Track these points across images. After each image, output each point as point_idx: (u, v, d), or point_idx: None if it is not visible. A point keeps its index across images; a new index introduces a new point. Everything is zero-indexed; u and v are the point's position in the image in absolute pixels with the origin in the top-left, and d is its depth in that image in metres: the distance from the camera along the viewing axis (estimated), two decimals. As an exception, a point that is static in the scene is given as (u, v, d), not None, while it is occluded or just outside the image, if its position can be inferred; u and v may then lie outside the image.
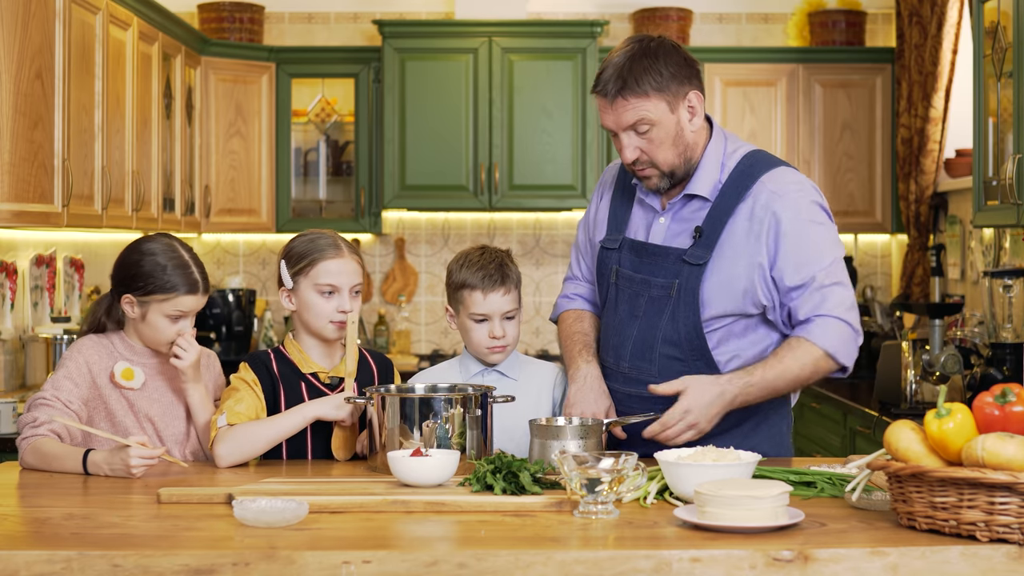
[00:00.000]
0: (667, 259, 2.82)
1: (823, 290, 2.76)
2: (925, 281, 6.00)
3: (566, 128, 6.31)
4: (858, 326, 2.80)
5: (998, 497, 1.97)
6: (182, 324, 2.88)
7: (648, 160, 2.79)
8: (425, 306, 6.88)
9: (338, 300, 2.88)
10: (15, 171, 3.99)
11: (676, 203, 2.86)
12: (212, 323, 6.30)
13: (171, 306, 2.85)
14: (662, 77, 2.74)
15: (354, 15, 6.84)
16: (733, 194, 2.79)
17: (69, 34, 4.35)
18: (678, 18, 6.47)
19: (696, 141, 2.82)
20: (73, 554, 1.97)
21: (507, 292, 2.97)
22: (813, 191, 2.83)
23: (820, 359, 2.76)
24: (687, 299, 2.79)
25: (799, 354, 2.76)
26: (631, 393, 2.87)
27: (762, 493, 2.07)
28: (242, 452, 2.77)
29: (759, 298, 2.79)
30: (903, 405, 4.63)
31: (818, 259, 2.77)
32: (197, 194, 6.16)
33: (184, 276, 2.86)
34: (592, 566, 1.96)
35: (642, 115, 2.74)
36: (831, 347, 2.76)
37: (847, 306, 2.78)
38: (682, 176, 2.83)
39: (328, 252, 2.89)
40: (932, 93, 5.76)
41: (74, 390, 2.82)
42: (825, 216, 2.83)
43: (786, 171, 2.84)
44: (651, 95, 2.73)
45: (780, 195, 2.77)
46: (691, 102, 2.78)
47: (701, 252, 2.78)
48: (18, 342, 4.79)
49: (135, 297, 2.86)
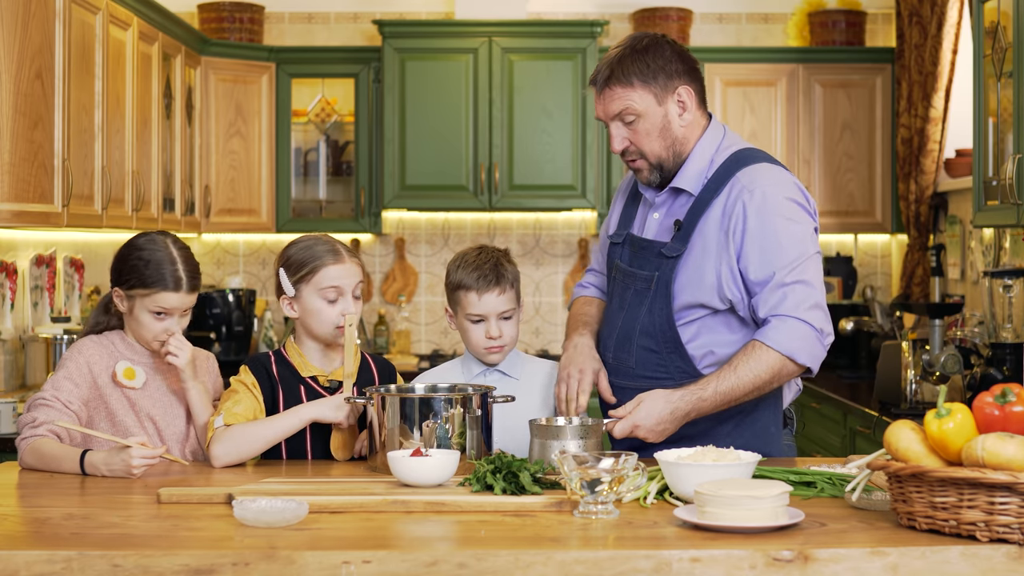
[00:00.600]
0: (651, 252, 2.86)
1: (783, 288, 2.73)
2: (925, 281, 6.00)
3: (566, 128, 6.31)
4: (822, 325, 2.74)
5: (998, 497, 1.97)
6: (168, 323, 2.86)
7: (636, 151, 2.84)
8: (425, 306, 6.88)
9: (342, 304, 2.89)
10: (15, 171, 3.99)
11: (666, 197, 2.90)
12: (212, 323, 6.30)
13: (152, 302, 2.85)
14: (649, 69, 2.79)
15: (354, 15, 6.84)
16: (713, 188, 2.81)
17: (69, 34, 4.35)
18: (678, 18, 6.47)
19: (687, 136, 2.84)
20: (73, 554, 1.97)
21: (502, 292, 2.97)
22: (791, 187, 2.80)
23: (778, 363, 2.72)
24: (662, 291, 2.82)
25: (755, 361, 2.72)
26: (614, 383, 2.91)
27: (762, 493, 2.07)
28: (238, 452, 2.77)
29: (725, 292, 2.78)
30: (903, 405, 4.62)
31: (780, 255, 2.74)
32: (197, 194, 6.16)
33: (166, 272, 2.85)
34: (592, 566, 1.96)
35: (627, 104, 2.80)
36: (789, 349, 2.71)
37: (808, 305, 2.73)
38: (672, 169, 2.86)
39: (328, 258, 2.88)
40: (932, 93, 5.77)
41: (74, 390, 2.82)
42: (801, 213, 2.79)
43: (766, 167, 2.83)
44: (636, 86, 2.79)
45: (751, 190, 2.77)
46: (681, 96, 2.82)
47: (678, 245, 2.81)
48: (18, 342, 4.79)
49: (123, 291, 2.88)
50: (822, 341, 2.76)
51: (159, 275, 2.84)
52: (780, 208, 2.76)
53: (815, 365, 2.77)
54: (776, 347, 2.72)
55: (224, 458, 2.76)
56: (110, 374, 2.87)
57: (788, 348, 2.72)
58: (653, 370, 2.85)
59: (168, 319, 2.87)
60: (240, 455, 2.77)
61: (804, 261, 2.75)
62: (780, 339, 2.72)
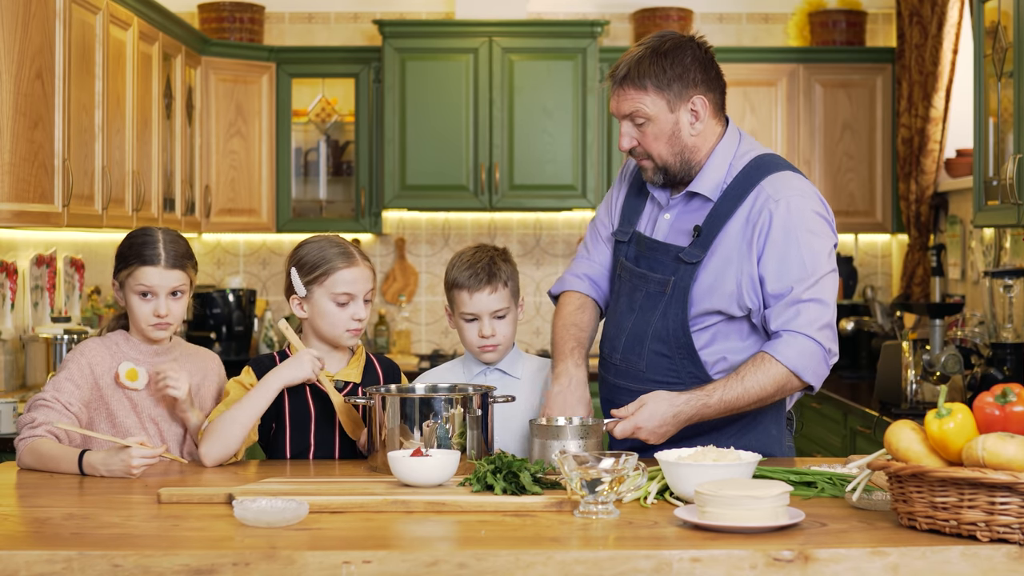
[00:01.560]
0: (666, 255, 2.84)
1: (798, 304, 2.73)
2: (925, 281, 6.00)
3: (566, 128, 6.31)
4: (830, 345, 2.75)
5: (998, 497, 1.97)
6: (156, 304, 2.85)
7: (643, 151, 2.83)
8: (425, 306, 6.88)
9: (353, 308, 2.89)
10: (15, 171, 3.99)
11: (679, 200, 2.88)
12: (212, 323, 6.30)
13: (135, 281, 2.85)
14: (665, 75, 2.77)
15: (354, 15, 6.84)
16: (735, 195, 2.79)
17: (69, 34, 4.35)
18: (678, 18, 6.47)
19: (697, 144, 2.82)
20: (73, 554, 1.97)
21: (494, 291, 2.96)
22: (816, 200, 2.79)
23: (784, 377, 2.72)
24: (679, 297, 2.80)
25: (761, 373, 2.72)
26: (621, 386, 2.89)
27: (762, 493, 2.07)
28: (223, 443, 2.76)
29: (745, 301, 2.78)
30: (903, 405, 4.62)
31: (801, 270, 2.73)
32: (197, 194, 6.16)
33: (146, 250, 2.86)
34: (592, 566, 1.96)
35: (637, 107, 2.79)
36: (796, 366, 2.72)
37: (819, 324, 2.73)
38: (678, 174, 2.85)
39: (342, 261, 2.88)
40: (932, 93, 5.76)
41: (75, 392, 2.81)
42: (824, 228, 2.78)
43: (791, 176, 2.81)
44: (649, 90, 2.78)
45: (777, 199, 2.75)
46: (695, 106, 2.80)
47: (697, 251, 2.79)
48: (18, 342, 4.79)
49: (115, 282, 2.90)
50: (828, 361, 2.76)
51: (139, 253, 2.86)
52: (805, 221, 2.75)
53: (818, 384, 2.77)
54: (784, 362, 2.72)
55: (211, 453, 2.75)
56: (112, 375, 2.87)
57: (796, 364, 2.72)
58: (664, 374, 2.83)
59: (155, 299, 2.85)
60: (225, 445, 2.76)
61: (822, 279, 2.74)
62: (790, 355, 2.72)
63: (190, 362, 2.97)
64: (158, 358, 2.92)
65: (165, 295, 2.86)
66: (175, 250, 2.88)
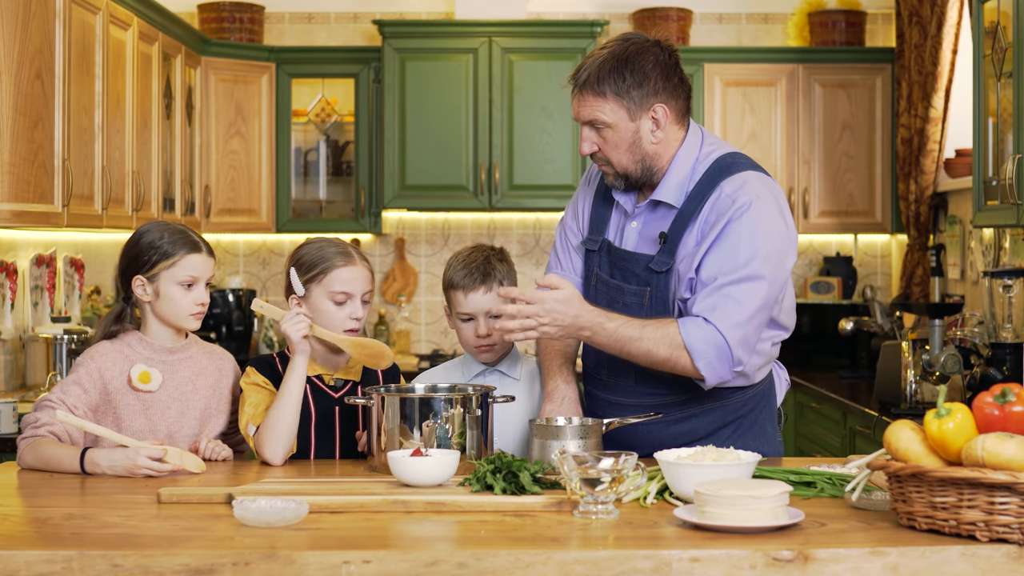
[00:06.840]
0: (637, 265, 2.80)
1: (717, 295, 2.64)
2: (925, 281, 6.00)
3: (566, 128, 6.31)
4: (739, 353, 2.65)
5: (998, 497, 1.97)
6: (198, 293, 2.87)
7: (604, 157, 2.79)
8: (425, 306, 6.88)
9: (351, 307, 2.89)
10: (15, 171, 4.00)
11: (644, 208, 2.84)
12: (212, 323, 6.30)
13: (180, 270, 2.85)
14: (625, 84, 2.71)
15: (354, 15, 6.84)
16: (697, 198, 2.74)
17: (69, 34, 4.35)
18: (678, 18, 6.48)
19: (659, 152, 2.77)
20: (73, 554, 1.97)
21: (488, 291, 2.96)
22: (772, 205, 2.70)
23: (677, 349, 2.63)
24: (658, 308, 2.76)
25: (660, 333, 2.63)
26: (611, 400, 2.87)
27: (762, 493, 2.08)
28: (282, 442, 2.80)
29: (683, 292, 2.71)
30: (903, 405, 4.62)
31: (732, 263, 2.65)
32: (197, 194, 6.16)
33: (182, 238, 2.87)
34: (592, 566, 1.96)
35: (596, 115, 2.75)
36: (693, 347, 2.62)
37: (732, 323, 2.63)
38: (639, 180, 2.80)
39: (340, 260, 2.89)
40: (932, 93, 5.76)
41: (82, 396, 2.79)
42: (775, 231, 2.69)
43: (751, 176, 2.74)
44: (608, 98, 2.73)
45: (734, 199, 2.69)
46: (656, 114, 2.74)
47: (666, 258, 2.75)
48: (18, 342, 4.79)
49: (144, 276, 2.86)
50: (730, 362, 2.66)
51: (177, 242, 2.86)
52: (751, 221, 2.67)
53: (711, 378, 2.67)
54: (684, 337, 2.63)
55: (277, 454, 2.79)
56: (125, 379, 2.85)
57: (694, 346, 2.63)
58: (654, 385, 2.80)
59: (196, 288, 2.87)
60: (286, 443, 2.80)
61: (751, 280, 2.65)
62: (693, 334, 2.63)
63: (206, 360, 2.96)
64: (173, 356, 2.91)
65: (204, 282, 2.89)
66: (200, 237, 2.92)
